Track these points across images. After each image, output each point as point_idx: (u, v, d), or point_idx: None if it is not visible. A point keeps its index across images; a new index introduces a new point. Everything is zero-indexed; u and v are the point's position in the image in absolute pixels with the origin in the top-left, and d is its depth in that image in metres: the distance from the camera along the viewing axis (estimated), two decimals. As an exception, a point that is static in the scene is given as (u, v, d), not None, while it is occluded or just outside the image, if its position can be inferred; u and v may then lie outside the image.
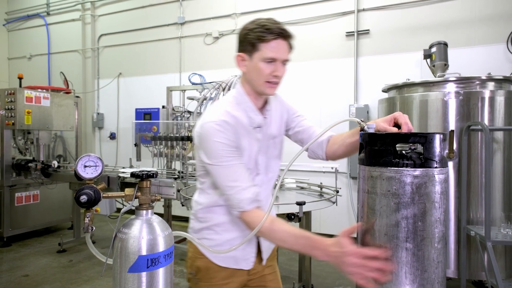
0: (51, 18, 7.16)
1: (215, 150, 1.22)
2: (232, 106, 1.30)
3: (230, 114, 1.27)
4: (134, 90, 6.29)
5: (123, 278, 0.78)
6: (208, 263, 1.39)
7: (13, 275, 3.71)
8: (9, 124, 4.48)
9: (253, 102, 1.33)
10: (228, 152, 1.22)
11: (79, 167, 0.77)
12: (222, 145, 1.21)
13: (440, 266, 0.91)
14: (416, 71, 4.39)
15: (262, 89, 1.28)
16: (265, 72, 1.24)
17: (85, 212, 0.76)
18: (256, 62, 1.24)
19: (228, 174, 1.21)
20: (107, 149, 6.54)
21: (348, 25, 4.73)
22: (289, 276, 3.68)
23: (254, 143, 1.33)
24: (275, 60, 1.23)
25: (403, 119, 1.08)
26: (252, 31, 1.24)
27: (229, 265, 1.39)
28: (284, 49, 1.24)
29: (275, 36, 1.21)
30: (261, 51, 1.22)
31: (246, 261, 1.42)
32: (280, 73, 1.25)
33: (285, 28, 1.25)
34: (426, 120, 3.04)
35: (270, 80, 1.25)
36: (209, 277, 1.40)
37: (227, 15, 5.47)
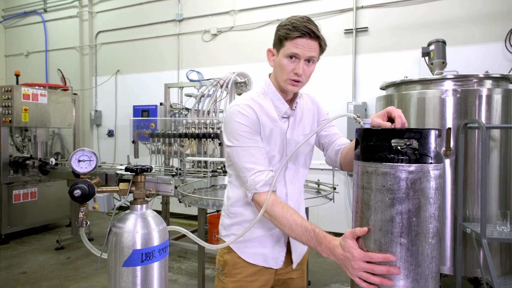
0: (48, 15, 7.13)
1: (235, 131, 1.25)
2: (258, 95, 1.34)
3: (254, 101, 1.30)
4: (132, 87, 6.28)
5: (118, 272, 0.79)
6: (235, 258, 1.38)
7: (11, 273, 3.71)
8: (6, 121, 4.47)
9: (281, 94, 1.34)
10: (248, 134, 1.25)
11: (73, 161, 0.77)
12: (243, 126, 1.25)
13: (434, 261, 0.92)
14: (415, 69, 4.40)
15: (284, 86, 1.30)
16: (287, 68, 1.25)
17: (79, 207, 0.76)
18: (280, 58, 1.26)
19: (246, 156, 1.24)
20: (105, 146, 6.54)
21: (346, 23, 4.73)
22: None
23: (279, 133, 1.32)
24: (298, 57, 1.24)
25: (396, 112, 1.07)
26: (283, 27, 1.26)
27: (257, 262, 1.37)
28: (308, 47, 1.23)
29: (300, 34, 1.21)
30: (285, 47, 1.24)
31: (276, 259, 1.39)
32: (301, 71, 1.24)
33: (313, 27, 1.23)
34: (423, 117, 3.04)
35: (291, 77, 1.26)
36: (235, 273, 1.38)
37: (225, 12, 5.45)
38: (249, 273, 1.37)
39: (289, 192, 1.37)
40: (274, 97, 1.34)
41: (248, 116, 1.26)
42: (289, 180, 1.38)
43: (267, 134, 1.30)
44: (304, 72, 1.26)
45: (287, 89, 1.30)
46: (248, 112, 1.27)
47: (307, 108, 1.44)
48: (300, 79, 1.26)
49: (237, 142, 1.26)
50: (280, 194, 1.36)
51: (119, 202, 0.82)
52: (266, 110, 1.31)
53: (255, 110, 1.28)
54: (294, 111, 1.39)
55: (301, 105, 1.43)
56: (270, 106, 1.33)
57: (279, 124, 1.33)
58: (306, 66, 1.26)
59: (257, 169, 1.23)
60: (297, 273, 1.47)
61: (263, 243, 1.37)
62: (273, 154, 1.32)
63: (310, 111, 1.45)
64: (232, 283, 1.38)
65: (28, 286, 3.40)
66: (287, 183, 1.37)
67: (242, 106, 1.28)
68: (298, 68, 1.24)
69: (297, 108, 1.40)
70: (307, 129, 1.42)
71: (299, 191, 1.44)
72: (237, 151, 1.26)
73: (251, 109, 1.28)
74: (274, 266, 1.39)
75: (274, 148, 1.32)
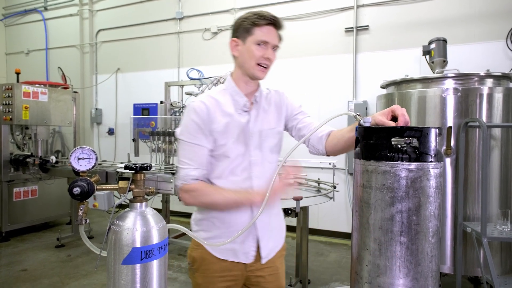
0: (49, 13, 7.12)
1: (186, 126, 1.36)
2: (217, 92, 1.42)
3: (211, 97, 1.39)
4: (133, 86, 6.28)
5: (117, 270, 0.79)
6: (204, 254, 1.40)
7: (11, 270, 3.72)
8: (7, 119, 4.47)
9: (242, 88, 1.41)
10: (196, 132, 1.34)
11: (73, 159, 0.77)
12: (194, 123, 1.34)
13: (434, 260, 0.92)
14: (415, 67, 4.39)
15: (252, 72, 1.36)
16: (257, 54, 1.33)
17: (79, 205, 0.76)
18: (249, 45, 1.34)
19: (188, 151, 1.35)
20: (105, 144, 6.54)
21: (347, 21, 4.72)
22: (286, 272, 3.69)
23: (236, 126, 1.37)
24: (267, 44, 1.33)
25: (400, 110, 1.08)
26: (248, 18, 1.35)
27: (227, 258, 1.39)
28: (275, 35, 1.35)
29: (268, 22, 1.32)
30: (255, 35, 1.32)
31: (246, 254, 1.40)
32: (271, 56, 1.35)
33: (278, 18, 1.35)
34: (424, 116, 3.04)
35: (260, 62, 1.34)
36: (204, 269, 1.41)
37: (226, 10, 5.45)
38: (218, 268, 1.40)
39: (255, 187, 1.38)
40: (233, 92, 1.41)
41: (200, 113, 1.34)
42: (256, 175, 1.39)
43: (220, 129, 1.35)
44: (272, 58, 1.36)
45: (256, 75, 1.36)
46: (201, 109, 1.35)
47: (273, 102, 1.50)
48: (269, 65, 1.36)
49: (184, 137, 1.36)
50: (245, 187, 1.38)
51: (119, 200, 0.82)
52: (222, 105, 1.38)
53: (209, 107, 1.35)
54: (256, 104, 1.44)
55: (268, 98, 1.49)
56: (228, 101, 1.39)
57: (236, 118, 1.38)
58: (273, 54, 1.36)
59: (191, 165, 1.34)
60: (269, 270, 1.46)
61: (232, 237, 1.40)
62: (229, 147, 1.36)
63: (277, 106, 1.50)
64: (202, 278, 1.42)
65: (28, 283, 3.40)
66: (253, 178, 1.39)
67: (197, 103, 1.36)
68: (269, 53, 1.34)
69: (262, 102, 1.46)
70: (272, 123, 1.46)
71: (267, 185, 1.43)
72: (182, 145, 1.37)
73: (205, 106, 1.35)
74: (245, 260, 1.41)
75: (229, 141, 1.37)
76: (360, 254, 0.97)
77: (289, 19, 5.04)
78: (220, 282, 1.40)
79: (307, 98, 4.89)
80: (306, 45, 4.93)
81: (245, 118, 1.39)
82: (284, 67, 5.05)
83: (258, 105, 1.44)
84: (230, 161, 1.37)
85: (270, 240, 1.44)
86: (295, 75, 5.00)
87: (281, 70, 5.06)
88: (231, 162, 1.37)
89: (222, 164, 1.38)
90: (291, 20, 5.04)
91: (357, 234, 0.99)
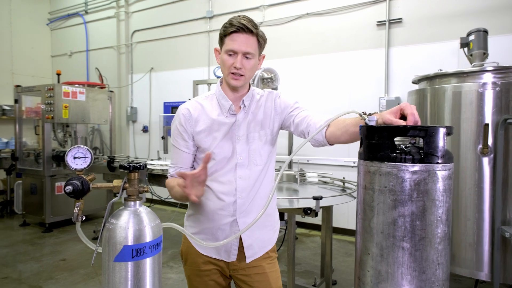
0: (89, 16, 7.49)
1: (172, 131, 1.45)
2: (205, 97, 1.46)
3: (197, 102, 1.44)
4: (165, 84, 6.45)
5: (111, 267, 0.81)
6: (189, 248, 1.47)
7: (52, 259, 3.98)
8: (49, 118, 4.76)
9: (228, 93, 1.42)
10: (180, 138, 1.41)
11: (69, 158, 0.80)
12: (176, 128, 1.42)
13: (441, 268, 0.86)
14: (453, 61, 4.14)
15: (228, 80, 1.37)
16: (227, 63, 1.33)
17: (75, 202, 0.78)
18: (222, 55, 1.35)
19: (173, 153, 1.46)
20: (140, 141, 6.78)
21: (379, 14, 4.54)
22: (312, 271, 3.64)
23: (220, 130, 1.39)
24: (235, 52, 1.31)
25: (410, 109, 1.00)
26: (222, 27, 1.35)
27: (210, 254, 1.44)
28: (244, 42, 1.30)
29: (234, 29, 1.29)
30: (225, 44, 1.33)
31: (228, 253, 1.43)
32: (239, 65, 1.31)
33: (247, 23, 1.30)
34: (459, 113, 2.85)
35: (232, 71, 1.33)
36: (191, 262, 1.48)
37: (255, 8, 5.43)
38: (202, 262, 1.45)
39: (238, 188, 1.40)
40: (219, 96, 1.43)
41: (182, 119, 1.40)
42: (240, 177, 1.40)
43: (204, 133, 1.39)
44: (244, 66, 1.32)
45: (231, 83, 1.36)
46: (185, 115, 1.40)
47: (265, 106, 1.47)
48: (241, 72, 1.32)
49: (172, 140, 1.46)
50: (231, 189, 1.40)
51: (114, 198, 0.84)
52: (207, 110, 1.42)
53: (193, 113, 1.40)
54: (245, 107, 1.43)
55: (260, 102, 1.47)
56: (213, 106, 1.42)
57: (222, 122, 1.40)
58: (246, 60, 1.32)
59: (174, 166, 1.45)
60: (256, 269, 1.45)
61: (215, 235, 1.42)
62: (213, 151, 1.38)
63: (269, 109, 1.47)
64: (189, 271, 1.49)
65: (66, 272, 3.62)
66: (237, 179, 1.40)
67: (182, 109, 1.42)
68: (236, 62, 1.31)
69: (252, 105, 1.45)
70: (259, 126, 1.45)
71: (252, 187, 1.42)
72: (172, 148, 1.48)
73: (188, 112, 1.40)
74: (226, 259, 1.44)
75: (214, 144, 1.39)
76: (362, 259, 0.93)
77: (318, 14, 4.94)
78: (206, 275, 1.46)
79: (337, 94, 4.77)
80: (336, 40, 4.81)
81: (231, 120, 1.41)
82: (313, 64, 4.96)
83: (247, 108, 1.44)
84: (215, 163, 1.39)
85: (255, 240, 1.45)
86: (324, 71, 4.89)
87: (310, 67, 4.98)
88: (216, 163, 1.40)
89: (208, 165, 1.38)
90: (320, 16, 4.93)
91: (360, 238, 0.95)
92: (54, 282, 3.42)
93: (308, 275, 3.50)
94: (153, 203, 5.27)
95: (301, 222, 4.98)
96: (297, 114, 1.44)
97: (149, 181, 4.00)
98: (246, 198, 1.41)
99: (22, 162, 5.32)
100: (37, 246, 4.39)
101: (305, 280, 3.20)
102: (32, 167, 5.15)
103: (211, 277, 1.46)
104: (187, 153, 1.42)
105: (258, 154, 1.43)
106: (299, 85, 5.02)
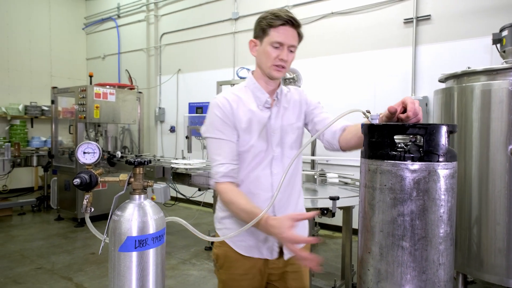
0: (121, 20, 7.79)
1: (211, 121, 1.37)
2: (239, 89, 1.44)
3: (234, 94, 1.41)
4: (191, 85, 6.59)
5: (116, 256, 0.85)
6: (227, 251, 1.42)
7: (82, 252, 4.18)
8: (82, 118, 5.01)
9: (262, 86, 1.42)
10: (221, 126, 1.34)
11: (79, 153, 0.86)
12: (218, 118, 1.35)
13: (442, 268, 0.84)
14: (486, 58, 3.96)
15: (269, 72, 1.36)
16: (272, 55, 1.33)
17: (85, 194, 0.84)
18: (265, 46, 1.34)
19: (215, 148, 1.35)
20: (167, 141, 6.97)
21: (406, 12, 4.41)
22: (333, 273, 3.60)
23: (258, 123, 1.38)
24: (282, 44, 1.32)
25: (409, 100, 0.99)
26: (264, 18, 1.34)
27: (252, 254, 1.40)
28: (291, 35, 1.33)
29: (283, 22, 1.30)
30: (270, 36, 1.32)
31: (270, 250, 1.40)
32: (286, 57, 1.33)
33: (294, 17, 1.34)
34: (488, 112, 2.73)
35: (276, 63, 1.34)
36: (228, 266, 1.43)
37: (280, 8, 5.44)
38: (241, 266, 1.41)
39: (274, 183, 1.38)
40: (254, 89, 1.42)
41: (224, 109, 1.35)
42: (275, 172, 1.39)
43: (244, 125, 1.36)
44: (288, 59, 1.34)
45: (272, 75, 1.36)
46: (224, 104, 1.36)
47: (293, 100, 1.49)
48: (285, 65, 1.35)
49: (210, 134, 1.37)
50: (267, 184, 1.38)
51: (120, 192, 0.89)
52: (245, 102, 1.39)
53: (231, 103, 1.37)
54: (277, 101, 1.43)
55: (288, 97, 1.48)
56: (250, 98, 1.41)
57: (259, 114, 1.39)
58: (289, 53, 1.35)
59: (219, 161, 1.33)
60: (291, 267, 1.45)
61: (255, 235, 1.39)
62: (253, 143, 1.36)
63: (297, 103, 1.49)
64: (226, 275, 1.45)
65: (94, 265, 3.79)
66: (273, 174, 1.39)
67: (220, 99, 1.38)
68: (283, 54, 1.32)
69: (282, 99, 1.45)
70: (292, 119, 1.45)
71: (288, 183, 1.41)
72: (210, 142, 1.37)
73: (228, 102, 1.36)
74: (269, 256, 1.41)
75: (253, 138, 1.37)
76: (363, 258, 0.93)
77: (343, 13, 4.88)
78: (243, 280, 1.42)
79: (362, 94, 4.69)
80: (361, 39, 4.72)
81: (267, 114, 1.40)
82: (338, 64, 4.90)
83: (279, 102, 1.45)
84: (252, 157, 1.37)
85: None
86: (349, 71, 4.82)
87: (335, 67, 4.93)
88: (253, 158, 1.37)
89: (244, 160, 1.38)
90: (345, 15, 4.86)
91: (361, 236, 0.95)
92: (83, 274, 3.59)
93: (328, 277, 3.47)
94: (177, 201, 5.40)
95: (325, 224, 4.93)
96: (318, 113, 1.47)
97: (173, 180, 4.11)
98: (283, 192, 1.40)
99: (58, 160, 5.62)
100: (70, 240, 4.63)
101: (325, 282, 3.17)
102: (66, 164, 5.43)
103: (249, 282, 1.43)
104: (234, 142, 1.35)
105: (290, 148, 1.43)
106: (323, 85, 4.97)
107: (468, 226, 2.73)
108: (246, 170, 1.38)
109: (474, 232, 2.71)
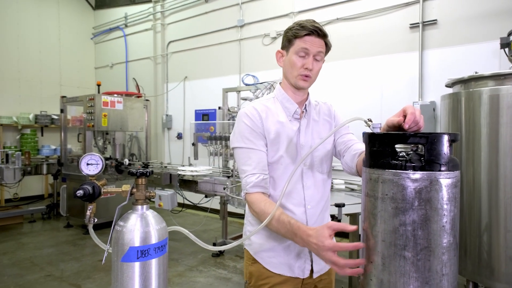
0: (128, 29, 7.91)
1: (240, 131, 1.34)
2: (267, 99, 1.42)
3: (263, 105, 1.39)
4: (197, 92, 6.64)
5: (118, 266, 0.86)
6: (260, 268, 1.38)
7: (91, 259, 4.21)
8: (90, 126, 5.08)
9: (290, 96, 1.39)
10: (250, 136, 1.31)
11: (83, 164, 0.87)
12: (247, 127, 1.32)
13: (445, 279, 0.83)
14: (494, 62, 3.92)
15: (295, 82, 1.35)
16: (297, 64, 1.32)
17: (88, 205, 0.85)
18: (290, 56, 1.33)
19: (244, 158, 1.32)
20: (174, 148, 7.01)
21: (412, 16, 4.40)
22: (341, 280, 3.56)
23: (286, 135, 1.34)
24: (307, 53, 1.30)
25: (410, 109, 0.98)
26: (291, 29, 1.34)
27: (283, 272, 1.37)
28: (316, 44, 1.30)
29: (308, 32, 1.29)
30: (295, 45, 1.31)
31: (302, 268, 1.37)
32: (311, 66, 1.31)
33: (320, 26, 1.32)
34: (497, 117, 2.70)
35: (302, 73, 1.32)
36: (261, 284, 1.38)
37: (285, 15, 5.47)
38: (275, 283, 1.36)
39: (307, 197, 1.36)
40: (283, 99, 1.39)
41: (253, 118, 1.33)
42: (307, 186, 1.36)
43: (272, 137, 1.33)
44: (314, 68, 1.32)
45: (298, 85, 1.34)
46: (253, 114, 1.34)
47: (323, 114, 1.47)
48: (310, 74, 1.32)
49: (239, 144, 1.33)
50: (299, 199, 1.35)
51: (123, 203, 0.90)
52: (274, 113, 1.37)
53: (261, 113, 1.34)
54: (306, 112, 1.41)
55: (317, 109, 1.46)
56: (278, 109, 1.38)
57: (287, 126, 1.36)
58: (315, 62, 1.32)
59: (250, 172, 1.29)
60: (321, 283, 1.44)
61: (287, 251, 1.36)
62: (281, 154, 1.33)
63: (327, 117, 1.47)
64: None
65: (102, 272, 3.81)
66: (305, 188, 1.36)
67: (249, 109, 1.36)
68: (308, 63, 1.30)
69: (311, 112, 1.43)
70: (323, 135, 1.41)
71: (321, 197, 1.39)
72: (238, 152, 1.34)
73: (257, 112, 1.34)
74: (301, 275, 1.37)
75: (281, 149, 1.34)
76: (366, 268, 0.92)
77: (348, 19, 4.88)
78: None
79: (368, 99, 4.67)
80: (367, 45, 4.72)
81: (296, 126, 1.37)
82: (343, 69, 4.90)
83: (308, 114, 1.41)
84: (282, 169, 1.33)
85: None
86: (355, 77, 4.81)
87: (340, 73, 4.92)
88: (282, 171, 1.33)
89: (274, 173, 1.34)
90: (351, 20, 4.87)
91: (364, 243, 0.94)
92: (92, 281, 3.61)
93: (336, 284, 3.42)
94: (184, 208, 5.41)
95: (332, 230, 4.88)
96: (344, 134, 1.43)
97: (180, 187, 4.13)
98: (316, 207, 1.37)
99: (67, 168, 5.69)
100: (78, 247, 4.67)
101: (333, 289, 3.14)
102: (75, 172, 5.49)
103: None
104: (264, 152, 1.31)
105: (321, 162, 1.40)
106: (330, 91, 4.96)
107: (478, 233, 2.68)
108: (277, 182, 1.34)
109: (484, 239, 2.66)
